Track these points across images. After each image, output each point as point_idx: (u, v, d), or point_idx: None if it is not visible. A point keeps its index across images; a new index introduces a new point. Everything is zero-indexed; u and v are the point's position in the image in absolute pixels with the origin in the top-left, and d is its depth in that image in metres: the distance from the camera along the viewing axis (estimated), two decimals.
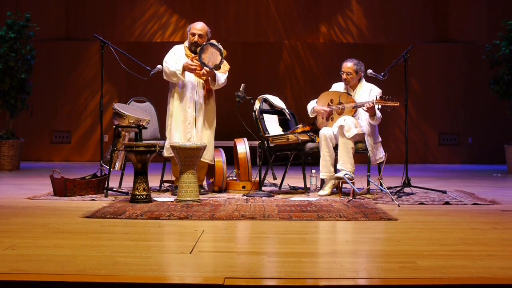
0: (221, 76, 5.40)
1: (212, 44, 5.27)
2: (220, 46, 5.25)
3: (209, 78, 5.36)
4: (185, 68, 5.31)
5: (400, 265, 2.60)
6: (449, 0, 10.66)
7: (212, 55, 5.26)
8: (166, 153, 5.39)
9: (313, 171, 5.66)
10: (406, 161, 5.50)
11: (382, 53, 10.25)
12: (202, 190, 5.28)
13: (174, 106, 5.40)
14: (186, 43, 5.51)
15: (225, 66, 5.45)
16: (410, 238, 3.29)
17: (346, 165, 5.21)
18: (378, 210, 4.24)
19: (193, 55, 5.39)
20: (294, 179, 6.31)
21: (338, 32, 10.68)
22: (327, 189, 5.32)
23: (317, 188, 5.56)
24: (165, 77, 5.43)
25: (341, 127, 5.22)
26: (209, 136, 5.42)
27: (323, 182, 5.47)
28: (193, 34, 5.42)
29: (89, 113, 10.53)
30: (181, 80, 5.35)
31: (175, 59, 5.40)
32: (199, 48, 5.30)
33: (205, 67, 5.28)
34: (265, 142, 5.45)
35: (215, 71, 5.32)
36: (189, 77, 5.38)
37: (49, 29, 10.39)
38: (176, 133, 5.34)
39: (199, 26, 5.45)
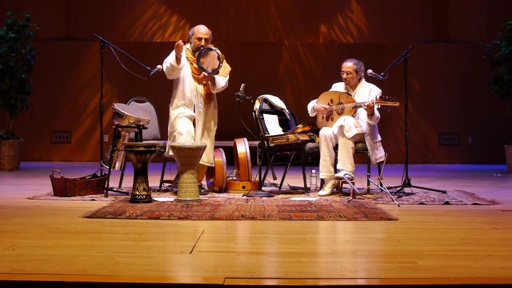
0: (221, 80, 5.39)
1: (210, 49, 5.27)
2: (218, 51, 5.24)
3: (209, 82, 5.35)
4: (175, 49, 5.26)
5: (400, 265, 2.60)
6: (449, 0, 10.66)
7: (211, 60, 5.25)
8: (171, 152, 5.36)
9: (313, 171, 5.66)
10: (406, 161, 5.50)
11: (382, 53, 10.24)
12: (202, 190, 5.28)
13: (175, 111, 5.38)
14: (188, 46, 5.50)
15: (226, 69, 5.45)
16: (410, 238, 3.29)
17: (346, 165, 5.21)
18: (378, 210, 4.24)
19: (192, 56, 5.38)
20: (294, 179, 6.31)
21: (338, 32, 10.68)
22: (327, 189, 5.32)
23: (317, 188, 5.56)
24: (168, 77, 5.42)
25: (341, 127, 5.22)
26: (209, 141, 5.40)
27: (323, 182, 5.47)
28: (199, 39, 5.39)
29: (89, 113, 10.53)
30: (179, 69, 5.32)
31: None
32: (197, 53, 5.29)
33: (203, 72, 5.27)
34: (265, 142, 5.45)
35: (214, 75, 5.31)
36: (189, 82, 5.37)
37: (49, 29, 10.39)
38: (181, 137, 5.29)
39: (203, 30, 5.42)
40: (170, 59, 5.34)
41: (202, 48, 5.29)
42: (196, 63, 5.26)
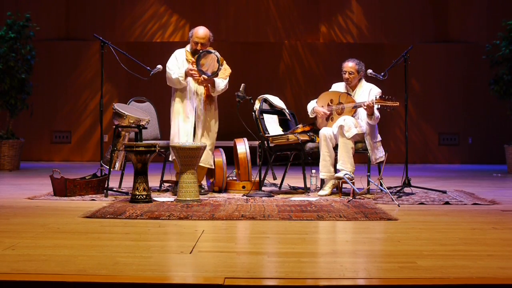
0: (221, 82, 5.39)
1: (209, 52, 5.27)
2: (217, 53, 5.24)
3: (209, 84, 5.35)
4: (187, 74, 5.31)
5: (400, 265, 2.60)
6: (449, 0, 10.67)
7: (210, 63, 5.25)
8: (171, 158, 5.36)
9: (313, 171, 5.66)
10: (406, 161, 5.50)
11: (382, 53, 10.25)
12: (202, 190, 5.28)
13: (175, 112, 5.40)
14: (188, 47, 5.49)
15: (226, 71, 5.44)
16: (410, 238, 3.29)
17: (346, 165, 5.21)
18: (378, 210, 4.24)
19: (192, 58, 5.38)
20: (294, 179, 6.31)
21: (338, 32, 10.68)
22: (327, 189, 5.32)
23: (317, 188, 5.56)
24: (168, 83, 5.42)
25: (341, 127, 5.22)
26: (209, 143, 5.40)
27: (323, 182, 5.47)
28: (196, 43, 5.38)
29: (89, 113, 10.53)
30: (185, 85, 5.35)
31: (178, 64, 5.39)
32: (196, 55, 5.29)
33: (203, 75, 5.27)
34: (265, 142, 5.45)
35: (214, 78, 5.31)
36: (189, 84, 5.38)
37: (49, 29, 10.40)
38: (176, 139, 5.33)
39: (201, 34, 5.38)
40: (179, 72, 5.32)
41: (201, 51, 5.29)
42: (196, 66, 5.26)
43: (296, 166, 5.92)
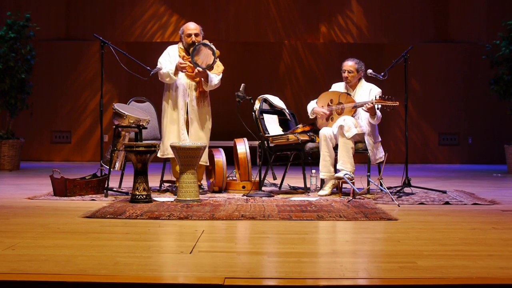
0: (214, 77, 5.39)
1: (205, 44, 5.28)
2: (213, 46, 5.26)
3: (202, 79, 5.35)
4: (177, 68, 5.31)
5: (400, 265, 2.60)
6: (449, 0, 10.67)
7: (205, 56, 5.27)
8: (159, 153, 5.33)
9: (313, 171, 5.66)
10: (406, 161, 5.50)
11: (382, 53, 10.25)
12: (200, 190, 5.27)
13: (168, 108, 5.41)
14: (181, 44, 5.50)
15: (219, 67, 5.45)
16: (410, 238, 3.29)
17: (346, 165, 5.21)
18: (378, 210, 4.24)
19: (184, 54, 5.39)
20: (294, 179, 6.31)
21: (338, 32, 10.68)
22: (327, 189, 5.32)
23: (317, 188, 5.56)
24: (160, 79, 5.44)
25: (341, 127, 5.22)
26: (204, 139, 5.40)
27: (323, 182, 5.47)
28: (189, 35, 5.40)
29: (89, 113, 10.53)
30: (174, 80, 5.36)
31: (170, 59, 5.41)
32: (191, 48, 5.30)
33: (197, 67, 5.28)
34: (265, 142, 5.45)
35: (208, 72, 5.32)
36: (181, 79, 5.38)
37: (49, 29, 10.40)
38: (170, 135, 5.34)
39: (192, 26, 5.44)
40: (170, 66, 5.34)
41: (197, 44, 5.31)
42: (191, 59, 5.27)
43: (296, 166, 5.92)
